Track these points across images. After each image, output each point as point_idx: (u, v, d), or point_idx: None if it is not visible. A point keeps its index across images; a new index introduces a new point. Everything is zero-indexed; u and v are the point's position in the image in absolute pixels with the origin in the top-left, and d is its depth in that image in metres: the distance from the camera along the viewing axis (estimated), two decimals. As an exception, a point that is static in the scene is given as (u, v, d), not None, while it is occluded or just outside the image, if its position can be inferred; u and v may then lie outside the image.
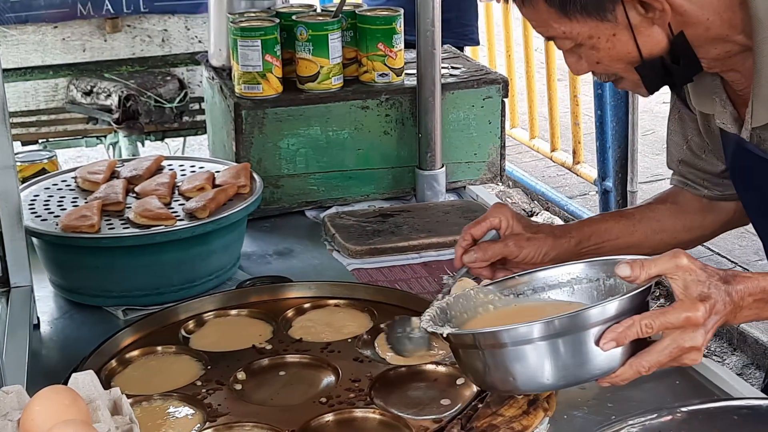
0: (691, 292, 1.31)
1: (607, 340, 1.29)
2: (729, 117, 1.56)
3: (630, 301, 1.31)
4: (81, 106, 4.01)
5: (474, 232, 1.67)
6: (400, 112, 2.45)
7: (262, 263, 2.20)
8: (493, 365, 1.34)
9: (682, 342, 1.30)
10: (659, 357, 1.31)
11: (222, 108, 2.48)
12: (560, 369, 1.31)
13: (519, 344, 1.31)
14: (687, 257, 1.32)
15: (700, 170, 1.74)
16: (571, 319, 1.29)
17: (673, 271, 1.32)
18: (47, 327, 1.93)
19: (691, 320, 1.29)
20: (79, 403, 1.04)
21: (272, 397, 1.61)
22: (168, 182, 2.11)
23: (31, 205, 2.04)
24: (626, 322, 1.29)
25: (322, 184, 2.44)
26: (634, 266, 1.32)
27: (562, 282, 1.50)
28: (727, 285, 1.32)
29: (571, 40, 1.47)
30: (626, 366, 1.32)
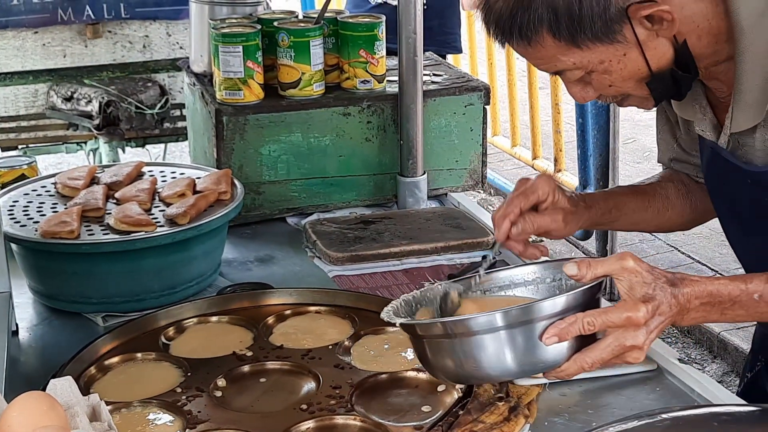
0: (634, 293, 1.35)
1: (549, 335, 1.34)
2: (708, 124, 1.58)
3: (575, 298, 1.36)
4: (61, 112, 3.99)
5: (523, 204, 1.67)
6: (382, 119, 2.45)
7: (243, 270, 2.19)
8: (440, 353, 1.40)
9: (624, 341, 1.35)
10: (602, 354, 1.36)
11: (203, 114, 2.47)
12: (507, 360, 1.37)
13: (467, 335, 1.36)
14: (634, 259, 1.37)
15: (693, 165, 1.77)
16: (519, 311, 1.35)
17: (619, 273, 1.36)
18: (26, 333, 1.91)
19: (632, 320, 1.34)
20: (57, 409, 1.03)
21: (253, 404, 1.61)
22: (148, 188, 2.11)
23: (10, 211, 2.03)
24: (569, 318, 1.34)
25: (303, 191, 2.44)
26: (581, 265, 1.37)
27: (528, 280, 1.56)
28: (673, 287, 1.37)
29: (582, 69, 1.48)
30: (571, 361, 1.37)
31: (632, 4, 1.40)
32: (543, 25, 1.42)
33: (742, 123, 1.51)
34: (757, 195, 1.56)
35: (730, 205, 1.66)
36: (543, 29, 1.42)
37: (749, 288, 1.40)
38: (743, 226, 1.65)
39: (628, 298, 1.36)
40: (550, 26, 1.42)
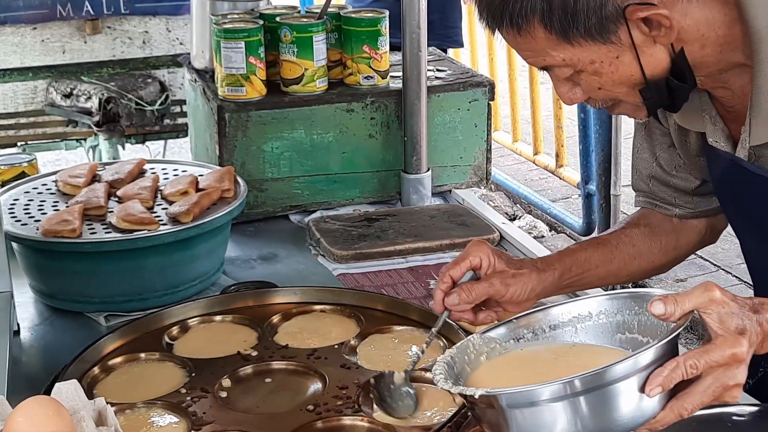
0: (728, 326, 1.25)
1: (653, 386, 1.21)
2: (721, 134, 1.53)
3: (669, 344, 1.24)
4: (61, 109, 3.97)
5: (453, 273, 1.55)
6: (386, 115, 2.43)
7: (247, 268, 2.17)
8: (521, 423, 1.23)
9: (726, 380, 1.24)
10: (702, 398, 1.24)
11: (205, 111, 2.45)
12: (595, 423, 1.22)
13: (553, 401, 1.20)
14: (719, 290, 1.27)
15: (671, 187, 1.71)
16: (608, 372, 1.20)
17: (707, 305, 1.25)
18: (28, 333, 1.89)
19: (737, 357, 1.23)
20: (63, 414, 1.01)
21: (258, 405, 1.59)
22: (151, 186, 2.09)
23: (11, 209, 2.01)
24: (670, 364, 1.22)
25: (306, 188, 2.42)
26: (668, 303, 1.25)
27: (564, 321, 1.42)
28: (757, 315, 1.27)
29: (571, 67, 1.41)
30: (667, 410, 1.24)
31: (630, 4, 1.34)
32: (535, 15, 1.36)
33: (762, 135, 1.45)
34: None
35: (747, 217, 1.61)
36: (535, 19, 1.36)
37: None
38: (764, 237, 1.60)
39: (724, 332, 1.24)
40: (542, 16, 1.36)
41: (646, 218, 1.74)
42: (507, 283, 1.56)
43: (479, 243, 1.59)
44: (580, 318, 1.41)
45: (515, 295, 1.58)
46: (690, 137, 1.62)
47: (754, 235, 1.64)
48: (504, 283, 1.56)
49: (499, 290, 1.56)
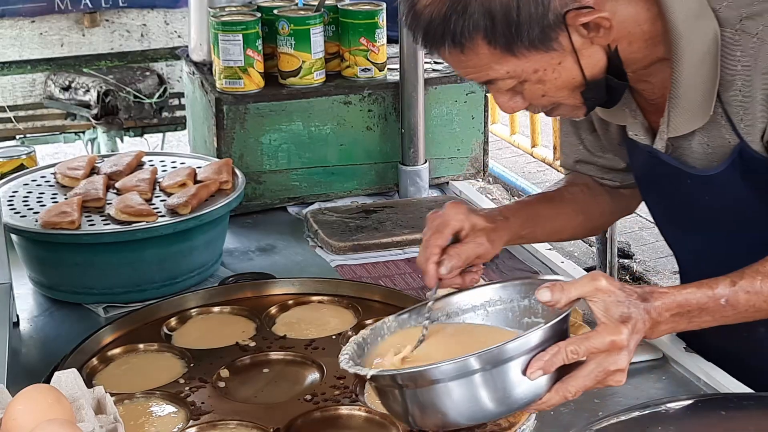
0: (611, 314, 1.30)
1: (534, 369, 1.27)
2: (641, 127, 1.55)
3: (552, 328, 1.29)
4: (59, 102, 3.97)
5: (440, 243, 1.54)
6: (383, 108, 2.44)
7: (245, 260, 2.18)
8: (418, 403, 1.30)
9: (607, 365, 1.29)
10: (585, 381, 1.30)
11: (203, 103, 2.46)
12: (488, 401, 1.28)
13: (445, 381, 1.27)
14: (606, 279, 1.31)
15: (599, 166, 1.74)
16: (498, 352, 1.26)
17: (593, 294, 1.30)
18: (27, 325, 1.90)
19: (616, 344, 1.29)
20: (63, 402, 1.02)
21: (256, 395, 1.60)
22: (149, 178, 2.09)
23: (9, 202, 2.02)
24: (552, 349, 1.27)
25: (304, 180, 2.43)
26: (555, 290, 1.30)
27: (476, 305, 1.48)
28: (645, 303, 1.32)
29: (515, 78, 1.41)
30: (552, 392, 1.30)
31: (570, 10, 1.34)
32: (479, 32, 1.34)
33: (680, 127, 1.48)
34: (698, 197, 1.55)
35: (667, 206, 1.64)
36: (478, 36, 1.35)
37: (716, 293, 1.36)
38: (681, 226, 1.64)
39: (606, 320, 1.30)
40: (485, 32, 1.34)
41: (583, 179, 1.77)
42: (492, 239, 1.58)
43: (456, 205, 1.58)
44: (491, 302, 1.47)
45: (498, 251, 1.60)
46: (611, 127, 1.65)
47: (673, 223, 1.67)
48: (490, 240, 1.57)
49: (488, 249, 1.57)
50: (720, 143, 1.47)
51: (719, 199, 1.53)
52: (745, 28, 1.40)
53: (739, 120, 1.43)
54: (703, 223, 1.59)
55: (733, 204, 1.53)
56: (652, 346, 1.66)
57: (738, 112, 1.43)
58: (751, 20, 1.40)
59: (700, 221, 1.59)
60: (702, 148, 1.49)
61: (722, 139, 1.46)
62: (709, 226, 1.58)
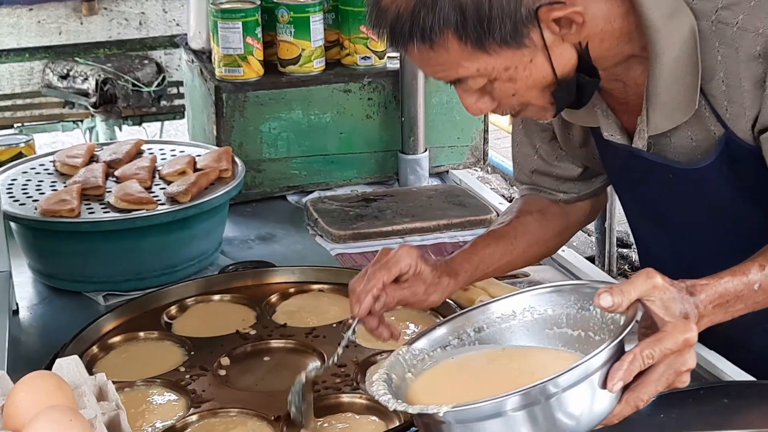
0: (673, 311, 1.24)
1: (615, 381, 1.17)
2: (615, 127, 1.51)
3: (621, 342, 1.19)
4: (57, 90, 3.96)
5: (385, 279, 1.50)
6: (383, 96, 2.43)
7: (244, 248, 2.17)
8: None
9: (678, 366, 1.21)
10: (657, 386, 1.21)
11: (202, 91, 2.45)
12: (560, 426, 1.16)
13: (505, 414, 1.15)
14: (659, 275, 1.25)
15: (553, 176, 1.70)
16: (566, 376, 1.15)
17: (651, 292, 1.23)
18: (26, 313, 1.90)
19: (689, 342, 1.21)
20: (65, 388, 1.02)
21: (257, 383, 1.60)
22: (148, 166, 2.09)
23: (8, 190, 2.01)
24: (627, 357, 1.18)
25: (303, 169, 2.42)
26: (615, 294, 1.22)
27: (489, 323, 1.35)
28: (693, 297, 1.27)
29: (485, 76, 1.35)
30: (623, 403, 1.21)
31: (543, 5, 1.30)
32: (449, 27, 1.29)
33: (661, 124, 1.44)
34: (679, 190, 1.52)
35: (643, 203, 1.61)
36: (449, 31, 1.30)
37: (750, 279, 1.31)
38: (658, 222, 1.61)
39: (671, 318, 1.22)
40: (456, 27, 1.29)
41: (536, 204, 1.73)
42: (428, 292, 1.54)
43: (409, 248, 1.54)
44: (504, 318, 1.35)
45: (433, 303, 1.57)
46: (573, 130, 1.61)
47: (650, 221, 1.64)
48: (426, 292, 1.54)
49: (420, 299, 1.54)
50: (705, 135, 1.45)
51: (702, 193, 1.50)
52: (721, 18, 1.38)
53: (724, 110, 1.41)
54: (679, 220, 1.57)
55: (713, 200, 1.50)
56: (653, 335, 1.65)
57: (722, 103, 1.41)
58: (728, 10, 1.38)
59: (677, 217, 1.57)
60: (686, 143, 1.46)
61: (707, 132, 1.44)
62: (684, 222, 1.57)
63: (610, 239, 4.23)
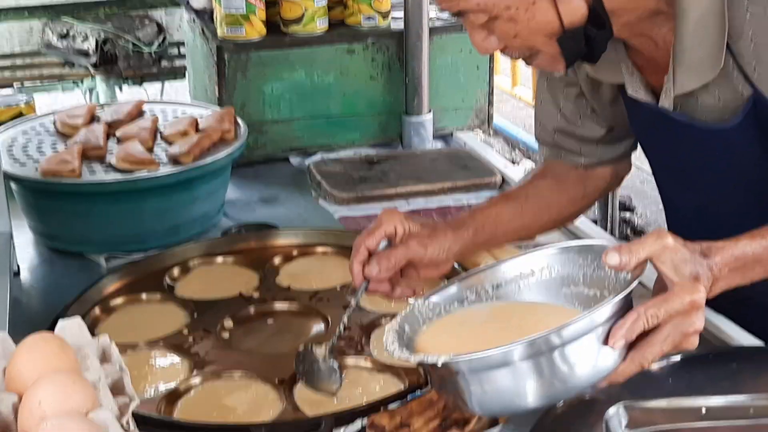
0: (683, 273, 1.22)
1: (617, 339, 1.17)
2: (640, 85, 1.49)
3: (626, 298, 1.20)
4: (57, 50, 3.92)
5: (368, 243, 1.49)
6: (387, 57, 2.40)
7: (247, 210, 2.16)
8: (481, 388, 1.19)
9: (685, 327, 1.20)
10: (662, 347, 1.20)
11: (204, 51, 2.42)
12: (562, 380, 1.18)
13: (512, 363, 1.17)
14: (672, 236, 1.24)
15: (576, 138, 1.68)
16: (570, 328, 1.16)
17: (661, 253, 1.22)
18: (27, 274, 1.88)
19: (696, 303, 1.20)
20: (68, 351, 1.00)
21: (261, 346, 1.58)
22: (150, 127, 2.06)
23: (9, 150, 1.99)
24: (631, 316, 1.18)
25: (306, 130, 2.40)
26: (623, 253, 1.22)
27: (507, 280, 1.36)
28: (707, 259, 1.25)
29: (486, 13, 1.34)
30: (627, 362, 1.21)
31: None
32: None
33: (688, 84, 1.42)
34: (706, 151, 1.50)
35: (670, 163, 1.59)
36: None
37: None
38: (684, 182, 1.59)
39: (679, 279, 1.21)
40: None
41: (552, 170, 1.71)
42: (424, 244, 1.51)
43: (391, 211, 1.53)
44: (523, 275, 1.36)
45: (434, 256, 1.53)
46: (602, 87, 1.59)
47: (677, 180, 1.62)
48: (422, 244, 1.51)
49: (418, 251, 1.51)
50: (732, 96, 1.42)
51: (728, 155, 1.49)
52: None
53: (752, 70, 1.39)
54: (707, 179, 1.55)
55: (742, 159, 1.49)
56: (660, 299, 1.64)
57: (750, 62, 1.39)
58: None
59: (704, 177, 1.55)
60: (712, 102, 1.44)
61: (734, 92, 1.42)
62: (712, 182, 1.55)
63: (613, 203, 4.21)
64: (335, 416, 1.33)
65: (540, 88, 1.70)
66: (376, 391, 1.43)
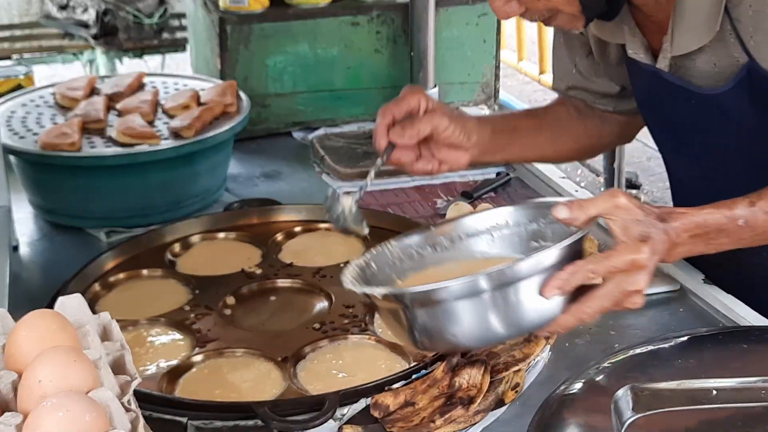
0: (631, 233, 1.24)
1: (550, 288, 1.21)
2: (640, 46, 1.51)
3: (569, 248, 1.22)
4: (56, 21, 3.88)
5: (395, 111, 1.55)
6: (392, 30, 2.37)
7: (250, 185, 2.13)
8: (427, 324, 1.23)
9: (626, 286, 1.23)
10: (602, 302, 1.24)
11: (205, 23, 2.38)
12: (500, 322, 1.22)
13: (455, 300, 1.21)
14: (625, 196, 1.25)
15: (591, 92, 1.71)
16: (510, 270, 1.20)
17: (612, 211, 1.24)
18: (27, 249, 1.86)
19: (636, 263, 1.23)
20: (68, 328, 0.98)
21: (263, 323, 1.56)
22: (151, 100, 2.03)
23: (8, 122, 1.96)
24: (569, 268, 1.21)
25: (310, 104, 2.37)
26: (573, 207, 1.24)
27: (481, 230, 1.42)
28: (664, 223, 1.27)
29: None
30: (567, 314, 1.24)
31: None
32: None
33: (685, 45, 1.43)
34: (702, 118, 1.51)
35: (669, 128, 1.60)
36: None
37: (734, 214, 1.32)
38: (683, 149, 1.60)
39: (626, 239, 1.24)
40: None
41: (572, 102, 1.75)
42: (448, 118, 1.57)
43: (415, 87, 1.59)
44: (497, 227, 1.42)
45: (455, 135, 1.58)
46: (610, 47, 1.60)
47: (674, 144, 1.63)
48: (446, 116, 1.57)
49: (442, 122, 1.56)
50: (728, 62, 1.43)
51: (724, 120, 1.49)
52: None
53: (749, 37, 1.39)
54: (706, 146, 1.55)
55: (738, 125, 1.49)
56: (669, 278, 1.62)
57: (748, 29, 1.39)
58: None
59: (703, 143, 1.55)
60: (708, 67, 1.45)
61: (730, 58, 1.42)
62: (711, 148, 1.55)
63: (619, 180, 4.19)
64: (339, 395, 1.31)
65: (556, 44, 1.72)
66: (381, 369, 1.41)
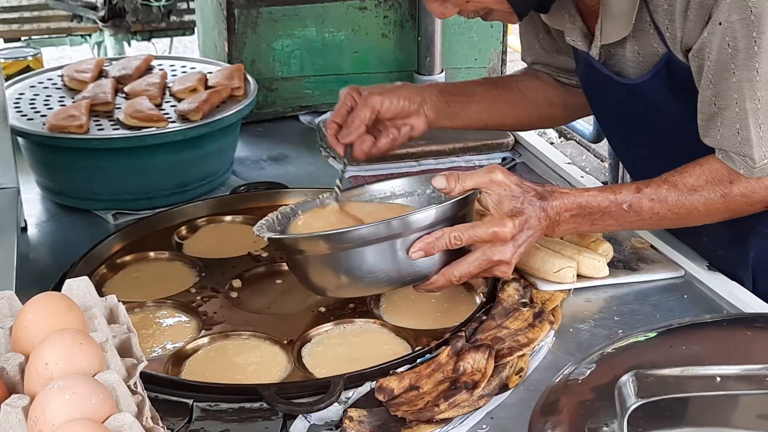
0: (502, 207, 1.35)
1: (416, 249, 1.34)
2: (579, 33, 1.56)
3: (443, 211, 1.35)
4: (65, 3, 3.88)
5: (336, 118, 1.68)
6: (399, 14, 2.36)
7: (256, 168, 2.13)
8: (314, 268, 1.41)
9: (491, 255, 1.36)
10: (469, 268, 1.37)
11: (213, 6, 2.38)
12: (377, 272, 1.37)
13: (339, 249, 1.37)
14: (502, 172, 1.36)
15: (554, 67, 1.77)
16: (385, 225, 1.34)
17: (488, 186, 1.35)
18: (35, 230, 1.87)
19: (499, 235, 1.34)
20: (75, 310, 0.99)
21: (269, 306, 1.57)
22: (159, 83, 2.04)
23: (16, 104, 1.96)
24: (436, 233, 1.34)
25: (317, 88, 2.37)
26: (450, 179, 1.36)
27: (383, 196, 1.59)
28: (542, 201, 1.36)
29: None
30: (439, 275, 1.37)
31: None
32: None
33: (612, 34, 1.49)
34: (632, 105, 1.55)
35: (607, 113, 1.67)
36: None
37: (618, 198, 1.40)
38: (624, 135, 1.67)
39: (495, 212, 1.36)
40: None
41: (536, 74, 1.81)
42: (382, 95, 1.68)
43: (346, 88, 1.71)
44: (397, 194, 1.59)
45: (394, 104, 1.68)
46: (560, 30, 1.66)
47: (612, 127, 1.70)
48: (379, 95, 1.67)
49: (376, 102, 1.67)
50: (650, 51, 1.48)
51: (650, 107, 1.55)
52: None
53: (665, 29, 1.44)
54: (640, 130, 1.60)
55: (662, 112, 1.54)
56: (674, 264, 1.62)
57: (664, 21, 1.43)
58: None
59: (637, 128, 1.60)
60: (634, 56, 1.50)
61: (651, 48, 1.47)
62: (644, 133, 1.60)
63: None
64: (344, 378, 1.32)
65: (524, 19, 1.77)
66: (386, 353, 1.42)
